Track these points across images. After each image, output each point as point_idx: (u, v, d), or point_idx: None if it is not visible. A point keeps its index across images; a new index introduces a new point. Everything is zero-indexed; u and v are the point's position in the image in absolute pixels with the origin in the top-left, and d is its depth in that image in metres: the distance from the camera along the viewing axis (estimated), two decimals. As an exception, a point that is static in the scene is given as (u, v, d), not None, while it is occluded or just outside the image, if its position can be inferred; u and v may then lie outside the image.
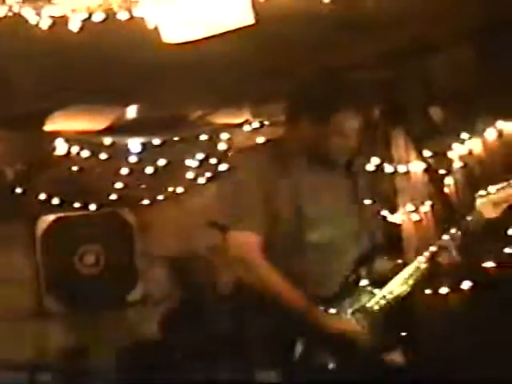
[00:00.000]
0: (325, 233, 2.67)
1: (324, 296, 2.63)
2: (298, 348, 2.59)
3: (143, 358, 4.88)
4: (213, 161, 5.64)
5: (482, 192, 2.75)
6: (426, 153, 4.58)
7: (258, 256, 2.62)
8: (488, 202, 2.73)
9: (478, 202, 2.74)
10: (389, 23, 3.88)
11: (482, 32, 4.07)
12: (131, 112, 5.12)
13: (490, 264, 4.46)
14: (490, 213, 2.73)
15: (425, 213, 4.78)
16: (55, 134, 5.31)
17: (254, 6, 3.33)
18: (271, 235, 2.65)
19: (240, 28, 3.38)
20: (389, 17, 3.82)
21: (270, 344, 2.63)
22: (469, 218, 2.72)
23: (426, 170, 4.61)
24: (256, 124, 5.54)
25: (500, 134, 4.44)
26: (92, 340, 5.32)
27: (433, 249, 2.69)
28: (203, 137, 5.61)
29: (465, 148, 4.63)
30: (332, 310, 2.62)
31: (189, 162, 5.64)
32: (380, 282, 2.70)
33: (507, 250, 4.39)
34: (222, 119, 5.56)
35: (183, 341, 4.71)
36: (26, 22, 3.36)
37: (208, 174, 5.62)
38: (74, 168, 5.43)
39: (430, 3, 3.77)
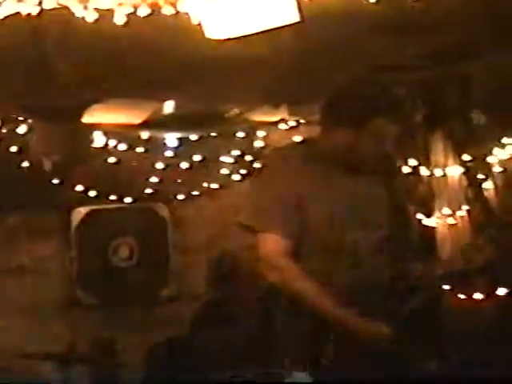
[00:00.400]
0: (357, 236, 2.65)
1: (355, 299, 2.61)
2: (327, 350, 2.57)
3: (173, 354, 4.88)
4: (248, 158, 5.66)
5: None
6: (465, 157, 4.55)
7: (285, 260, 2.60)
8: None
9: None
10: (432, 26, 3.86)
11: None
12: (169, 107, 5.14)
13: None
14: None
15: (461, 217, 4.75)
16: (94, 127, 5.35)
17: (299, 5, 3.32)
18: (302, 238, 2.63)
19: (283, 26, 3.37)
20: (432, 19, 3.79)
21: (299, 345, 2.61)
22: None
23: (464, 174, 4.58)
24: (292, 123, 5.55)
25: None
26: (123, 334, 5.35)
27: None
28: (239, 134, 5.64)
29: (505, 153, 4.60)
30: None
31: (224, 159, 5.66)
32: (413, 284, 2.67)
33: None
34: (258, 117, 5.57)
35: (214, 340, 4.70)
36: (73, 14, 3.39)
37: (243, 171, 5.64)
38: (111, 161, 5.48)
39: (473, 7, 3.74)
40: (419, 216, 4.48)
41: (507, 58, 4.20)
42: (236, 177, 5.67)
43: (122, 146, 5.48)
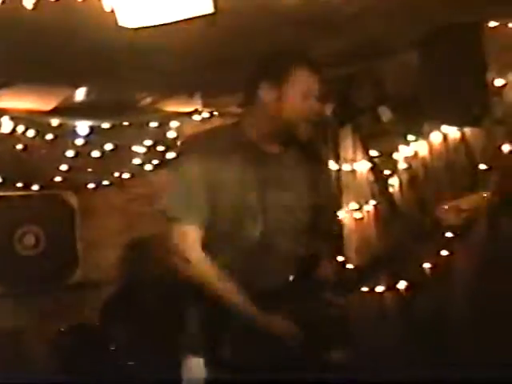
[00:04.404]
0: (265, 226, 2.59)
1: (261, 292, 2.56)
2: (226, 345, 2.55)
3: (79, 343, 4.85)
4: (160, 148, 5.64)
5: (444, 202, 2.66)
6: (373, 152, 4.65)
7: (197, 251, 2.56)
8: (450, 209, 2.64)
9: (439, 209, 2.64)
10: (345, 22, 3.92)
11: (433, 37, 4.15)
12: (81, 94, 5.05)
13: (426, 265, 4.55)
14: (451, 220, 2.64)
15: (367, 211, 4.87)
16: (1, 112, 5.22)
17: (213, -4, 3.32)
18: (214, 228, 2.58)
19: (198, 17, 3.37)
20: (345, 16, 3.86)
21: (202, 337, 2.59)
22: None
23: (371, 170, 4.67)
24: (206, 114, 5.56)
25: (445, 137, 4.55)
26: (29, 323, 5.26)
27: None
28: (152, 124, 5.61)
29: (410, 150, 4.73)
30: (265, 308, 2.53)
31: (136, 148, 5.63)
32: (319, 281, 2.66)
33: (443, 253, 4.48)
34: (172, 107, 5.56)
35: (119, 330, 4.68)
36: (-21, -5, 3.29)
37: (155, 162, 5.62)
38: (19, 147, 5.36)
39: (385, 5, 3.82)
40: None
41: (415, 57, 4.32)
42: (148, 167, 5.65)
43: (31, 133, 5.36)
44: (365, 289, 4.57)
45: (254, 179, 2.60)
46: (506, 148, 4.16)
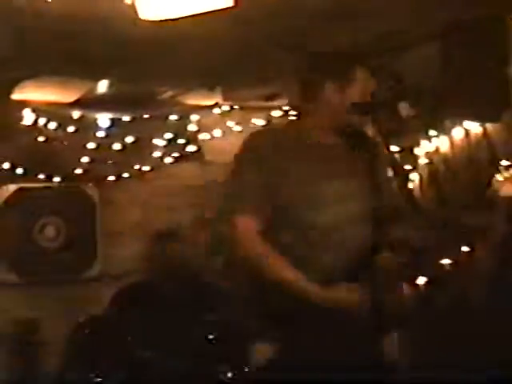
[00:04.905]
0: (328, 215, 2.64)
1: (324, 281, 2.58)
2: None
3: (95, 334, 4.86)
4: (181, 141, 5.66)
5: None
6: (393, 148, 4.63)
7: (256, 242, 2.63)
8: (506, 178, 2.64)
9: (495, 179, 2.64)
10: (366, 16, 3.92)
11: (455, 30, 4.12)
12: (102, 87, 5.08)
13: (446, 261, 4.53)
14: (507, 189, 2.64)
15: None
16: (23, 104, 5.26)
17: (233, -12, 3.32)
18: (274, 218, 2.63)
19: (219, 10, 3.37)
20: (366, 9, 3.85)
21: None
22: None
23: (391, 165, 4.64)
24: (226, 107, 5.57)
25: (467, 133, 4.52)
26: (47, 313, 5.29)
27: None
28: (173, 117, 5.63)
29: (432, 145, 4.70)
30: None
31: (157, 141, 5.64)
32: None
33: (464, 249, 4.46)
34: (192, 100, 5.57)
35: (136, 322, 4.70)
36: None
37: (175, 155, 5.64)
38: (41, 139, 5.39)
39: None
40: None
41: (437, 52, 4.29)
42: (168, 160, 5.67)
43: (53, 125, 5.40)
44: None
45: (314, 170, 2.67)
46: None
